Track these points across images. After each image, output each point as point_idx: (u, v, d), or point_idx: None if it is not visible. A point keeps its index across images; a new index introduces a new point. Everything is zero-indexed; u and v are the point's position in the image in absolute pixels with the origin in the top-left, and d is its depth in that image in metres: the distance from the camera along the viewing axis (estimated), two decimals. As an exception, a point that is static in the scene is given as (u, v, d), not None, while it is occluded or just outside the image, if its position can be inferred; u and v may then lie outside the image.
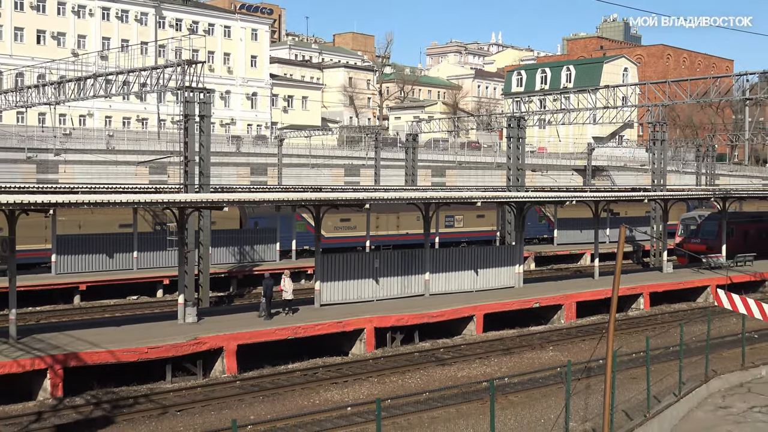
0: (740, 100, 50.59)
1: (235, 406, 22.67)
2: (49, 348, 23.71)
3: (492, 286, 36.57)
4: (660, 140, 50.38)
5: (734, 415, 21.98)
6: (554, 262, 56.97)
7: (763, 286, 44.30)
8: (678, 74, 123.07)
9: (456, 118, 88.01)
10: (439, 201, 35.44)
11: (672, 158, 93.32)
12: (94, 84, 38.92)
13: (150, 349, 24.57)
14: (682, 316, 36.87)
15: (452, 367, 27.58)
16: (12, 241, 25.02)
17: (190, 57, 35.07)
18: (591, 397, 22.41)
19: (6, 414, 21.37)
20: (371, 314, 30.00)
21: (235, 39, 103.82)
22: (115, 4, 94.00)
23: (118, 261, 42.19)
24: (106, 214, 42.98)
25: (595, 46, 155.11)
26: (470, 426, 20.74)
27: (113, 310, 37.21)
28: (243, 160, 77.16)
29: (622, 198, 48.47)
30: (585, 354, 27.78)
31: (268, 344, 27.33)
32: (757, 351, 28.68)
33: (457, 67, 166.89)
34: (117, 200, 26.18)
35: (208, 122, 33.50)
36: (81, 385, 23.42)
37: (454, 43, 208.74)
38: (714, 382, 24.12)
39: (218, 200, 28.81)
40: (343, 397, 23.69)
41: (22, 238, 28.60)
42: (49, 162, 65.99)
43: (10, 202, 23.04)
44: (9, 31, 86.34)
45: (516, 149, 47.76)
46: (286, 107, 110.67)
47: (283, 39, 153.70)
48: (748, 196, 53.93)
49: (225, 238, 44.99)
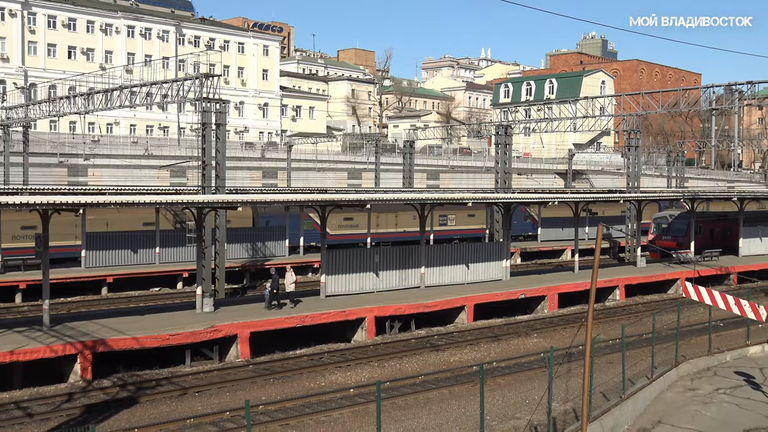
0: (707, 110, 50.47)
1: (248, 387, 22.68)
2: (79, 335, 23.73)
3: (482, 279, 36.59)
4: (634, 146, 50.41)
5: (701, 396, 21.99)
6: (538, 258, 57.00)
7: (727, 279, 44.32)
8: (651, 86, 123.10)
9: (449, 126, 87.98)
10: (433, 202, 35.47)
11: (645, 163, 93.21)
12: (120, 95, 38.90)
13: (171, 336, 24.59)
14: (654, 306, 36.89)
15: (445, 352, 27.60)
16: (45, 237, 25.04)
17: (207, 71, 34.98)
18: (571, 379, 22.43)
19: (40, 395, 21.40)
20: (372, 304, 30.02)
21: (248, 54, 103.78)
22: (139, 23, 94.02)
23: (142, 256, 42.21)
24: (131, 214, 42.96)
25: (575, 61, 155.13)
26: (462, 406, 20.76)
27: (137, 301, 37.22)
28: (255, 164, 77.14)
29: (599, 199, 48.45)
30: (566, 341, 27.78)
31: (278, 331, 27.35)
32: (723, 338, 28.70)
33: (450, 80, 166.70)
34: (141, 201, 26.19)
35: (223, 130, 33.50)
36: (108, 369, 23.45)
37: (447, 58, 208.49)
38: (683, 366, 24.13)
39: (233, 201, 28.80)
40: (347, 379, 23.71)
41: (55, 235, 28.62)
42: (79, 166, 65.93)
43: (44, 202, 23.06)
44: (43, 47, 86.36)
45: (503, 155, 47.78)
46: (295, 116, 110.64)
47: (292, 54, 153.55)
48: (714, 198, 53.98)
49: (239, 236, 44.98)
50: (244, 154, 77.31)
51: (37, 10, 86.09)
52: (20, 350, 21.99)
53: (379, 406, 14.15)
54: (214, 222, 34.14)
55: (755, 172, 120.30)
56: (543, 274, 42.14)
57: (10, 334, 23.96)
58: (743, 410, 20.77)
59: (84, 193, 38.75)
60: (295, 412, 20.05)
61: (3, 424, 19.03)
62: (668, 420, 19.97)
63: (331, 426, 19.20)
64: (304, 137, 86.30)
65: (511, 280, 37.73)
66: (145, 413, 20.05)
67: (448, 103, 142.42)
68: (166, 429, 18.69)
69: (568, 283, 37.46)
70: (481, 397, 15.75)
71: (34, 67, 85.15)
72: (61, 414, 19.79)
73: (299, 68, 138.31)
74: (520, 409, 20.29)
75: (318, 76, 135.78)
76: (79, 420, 19.24)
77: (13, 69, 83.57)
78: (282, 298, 29.47)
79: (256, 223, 48.62)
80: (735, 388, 22.75)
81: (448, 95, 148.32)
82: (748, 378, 23.71)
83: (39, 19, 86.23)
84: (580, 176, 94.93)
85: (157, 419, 19.43)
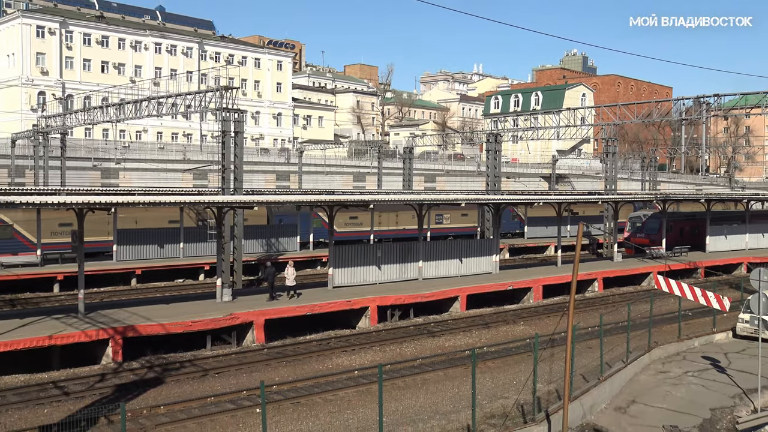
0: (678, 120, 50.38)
1: (263, 369, 22.71)
2: (110, 321, 23.77)
3: (473, 272, 36.58)
4: (612, 153, 50.37)
5: (672, 378, 21.98)
6: (525, 253, 56.94)
7: (695, 272, 44.28)
8: (626, 99, 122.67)
9: (444, 134, 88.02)
10: (430, 202, 35.48)
11: (621, 168, 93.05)
12: (148, 105, 38.90)
13: (193, 323, 24.63)
14: (630, 297, 36.86)
15: (441, 338, 27.61)
16: (81, 233, 25.08)
17: (226, 84, 35.01)
18: (554, 363, 22.41)
19: (76, 375, 21.44)
20: (374, 295, 30.03)
21: (263, 69, 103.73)
22: (166, 40, 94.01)
23: (168, 250, 42.25)
24: (157, 212, 42.97)
25: (558, 76, 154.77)
26: (455, 386, 20.76)
27: (163, 291, 37.25)
28: (270, 168, 77.07)
29: (580, 200, 48.46)
30: (550, 328, 27.79)
31: (290, 319, 27.36)
32: (691, 326, 28.68)
33: (446, 92, 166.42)
34: (166, 200, 26.22)
35: (241, 137, 33.50)
36: (137, 352, 23.49)
37: (443, 72, 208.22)
38: (655, 351, 24.13)
39: (249, 201, 28.83)
40: (352, 362, 23.73)
41: (89, 232, 28.66)
42: (111, 169, 65.98)
43: (79, 202, 23.10)
44: (79, 62, 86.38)
45: (493, 160, 47.77)
46: (305, 125, 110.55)
47: (303, 69, 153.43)
48: (684, 199, 53.97)
49: (255, 232, 45.00)
50: (259, 159, 77.24)
51: (73, 28, 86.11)
52: (58, 335, 22.04)
53: (381, 386, 14.16)
54: (233, 220, 34.15)
55: (720, 177, 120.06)
56: (529, 268, 42.11)
57: (49, 320, 24.02)
58: (710, 391, 20.76)
59: (115, 194, 38.82)
60: (305, 392, 20.08)
61: (43, 401, 19.07)
62: (642, 400, 19.97)
63: (337, 404, 19.20)
64: (314, 144, 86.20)
65: (500, 273, 37.71)
66: (171, 392, 20.09)
67: (444, 113, 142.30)
68: (189, 406, 18.70)
69: (552, 276, 37.45)
70: (473, 379, 15.76)
71: (71, 80, 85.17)
72: (94, 393, 19.83)
73: (309, 81, 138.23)
74: (508, 389, 20.30)
75: (326, 89, 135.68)
76: (110, 398, 19.27)
77: (52, 82, 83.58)
78: (279, 291, 29.16)
79: (271, 221, 48.65)
80: (702, 371, 22.74)
81: (444, 106, 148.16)
82: (714, 362, 23.71)
83: (75, 36, 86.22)
84: (563, 180, 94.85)
85: (181, 397, 19.46)
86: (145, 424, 17.25)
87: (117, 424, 16.71)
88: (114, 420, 17.21)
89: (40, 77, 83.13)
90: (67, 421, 16.98)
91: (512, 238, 60.00)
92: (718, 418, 18.89)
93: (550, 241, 57.21)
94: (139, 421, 17.44)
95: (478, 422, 16.27)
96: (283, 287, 29.98)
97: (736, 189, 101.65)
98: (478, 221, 55.41)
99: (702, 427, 18.22)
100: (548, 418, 16.57)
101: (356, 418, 17.91)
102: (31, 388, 20.10)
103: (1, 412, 18.17)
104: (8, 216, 39.08)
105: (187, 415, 17.98)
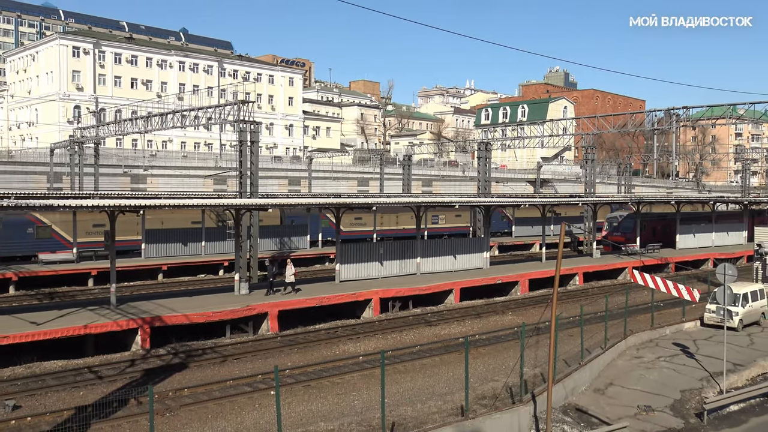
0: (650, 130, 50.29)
1: (276, 355, 22.70)
2: (139, 312, 23.79)
3: (466, 267, 36.56)
4: (591, 159, 50.32)
5: (646, 363, 21.97)
6: (512, 250, 56.88)
7: (666, 267, 44.24)
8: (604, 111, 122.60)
9: (440, 143, 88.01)
10: (427, 204, 35.46)
11: (599, 173, 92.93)
12: (172, 118, 38.95)
13: (214, 314, 24.63)
14: (607, 289, 36.84)
15: (437, 327, 27.59)
16: (112, 233, 25.10)
17: (243, 98, 34.99)
18: (540, 349, 22.41)
19: (108, 361, 21.46)
20: (377, 288, 30.02)
21: (276, 85, 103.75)
22: (189, 59, 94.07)
23: (191, 248, 42.24)
24: (181, 214, 43.00)
25: (542, 90, 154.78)
26: (450, 371, 20.75)
27: (187, 285, 37.24)
28: (282, 174, 77.07)
29: (562, 202, 48.40)
30: (535, 318, 27.76)
31: (301, 310, 27.35)
32: (663, 316, 28.67)
33: (441, 105, 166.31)
34: (189, 203, 26.26)
35: (256, 146, 33.51)
36: (163, 340, 23.51)
37: (439, 87, 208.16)
38: (630, 338, 24.11)
39: (264, 204, 28.87)
40: (357, 349, 23.72)
41: (120, 232, 28.67)
42: (139, 175, 65.98)
43: (111, 205, 23.13)
44: (110, 78, 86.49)
45: (484, 166, 47.73)
46: (315, 135, 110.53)
47: (313, 85, 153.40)
48: (656, 201, 53.93)
49: (269, 232, 45.00)
50: (273, 166, 77.22)
51: (106, 49, 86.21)
52: (92, 325, 22.06)
53: (383, 370, 14.16)
54: (249, 221, 34.16)
55: (689, 181, 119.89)
56: (516, 264, 42.09)
57: (84, 311, 24.04)
58: (680, 374, 20.74)
59: (143, 198, 38.80)
60: (314, 376, 20.07)
61: (78, 384, 19.09)
62: (618, 382, 19.95)
63: (344, 387, 19.20)
64: (322, 152, 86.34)
65: (490, 268, 37.68)
66: (194, 376, 20.09)
67: (439, 124, 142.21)
68: (211, 389, 18.70)
69: (537, 271, 37.41)
70: (465, 364, 15.76)
71: (104, 95, 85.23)
72: (125, 377, 19.85)
73: (318, 96, 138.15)
74: (498, 373, 20.28)
75: (333, 103, 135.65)
76: (139, 381, 19.28)
77: (87, 97, 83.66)
78: (278, 287, 28.65)
79: (283, 222, 48.65)
80: (673, 356, 22.72)
81: (439, 118, 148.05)
82: (684, 348, 23.68)
83: (107, 56, 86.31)
84: (547, 184, 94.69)
85: (203, 381, 19.47)
86: (171, 405, 17.25)
87: (145, 405, 16.72)
88: (143, 401, 17.22)
89: (76, 93, 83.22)
90: (101, 402, 17.01)
91: (501, 236, 59.91)
92: (688, 398, 18.88)
93: (535, 240, 57.14)
94: (165, 402, 17.45)
95: (471, 403, 16.27)
96: (282, 283, 29.69)
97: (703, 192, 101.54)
98: (470, 221, 55.26)
99: (673, 407, 18.21)
100: (534, 399, 16.56)
101: (361, 400, 17.91)
102: (68, 373, 20.12)
103: (42, 394, 18.20)
104: (47, 218, 39.18)
105: (209, 396, 17.98)
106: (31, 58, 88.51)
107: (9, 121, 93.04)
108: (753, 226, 46.68)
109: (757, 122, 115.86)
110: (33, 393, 18.24)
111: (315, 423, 15.85)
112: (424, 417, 15.97)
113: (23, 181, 58.33)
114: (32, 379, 19.46)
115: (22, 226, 38.50)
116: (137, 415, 16.32)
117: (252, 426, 15.93)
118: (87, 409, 16.39)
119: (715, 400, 18.15)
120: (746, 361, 22.13)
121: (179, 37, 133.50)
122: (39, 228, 39.09)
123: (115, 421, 16.02)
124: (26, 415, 16.43)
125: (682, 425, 17.28)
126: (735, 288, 26.43)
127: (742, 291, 26.80)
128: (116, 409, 16.80)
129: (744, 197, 59.19)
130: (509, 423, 15.75)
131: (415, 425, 15.29)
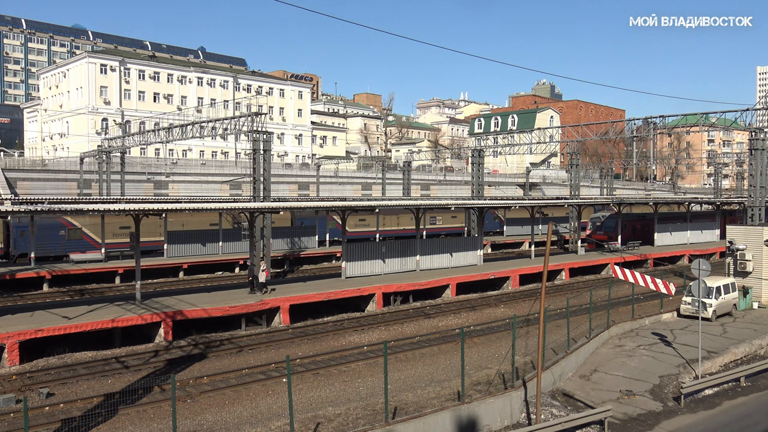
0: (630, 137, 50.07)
1: (288, 346, 22.69)
2: (162, 307, 23.79)
3: (462, 264, 36.54)
4: (575, 164, 50.24)
5: (627, 351, 21.92)
6: (504, 248, 56.82)
7: (646, 263, 44.14)
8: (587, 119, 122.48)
9: (437, 150, 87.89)
10: (425, 207, 35.43)
11: (583, 177, 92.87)
12: (192, 129, 38.99)
13: (230, 308, 24.62)
14: (591, 284, 36.79)
15: (435, 319, 27.56)
16: (137, 235, 25.11)
17: (256, 110, 35.03)
18: (530, 339, 22.38)
19: (134, 352, 21.46)
20: (380, 283, 29.99)
21: (287, 98, 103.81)
22: (206, 75, 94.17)
23: (209, 248, 42.26)
24: (200, 217, 43.06)
25: (530, 101, 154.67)
26: (448, 359, 20.72)
27: (205, 282, 37.25)
28: (293, 179, 77.11)
29: (549, 204, 48.32)
30: (525, 310, 27.73)
31: (310, 304, 27.34)
32: (643, 308, 28.61)
33: (437, 116, 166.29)
34: (208, 207, 26.24)
35: (269, 154, 33.54)
36: (184, 332, 23.51)
37: (435, 99, 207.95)
38: (613, 328, 24.06)
39: (276, 207, 28.84)
40: (361, 339, 23.70)
41: (144, 233, 28.74)
42: (161, 182, 66.07)
43: (136, 209, 23.14)
44: (135, 93, 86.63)
45: (477, 171, 47.69)
46: (322, 144, 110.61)
47: (320, 97, 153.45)
48: (636, 202, 53.81)
49: (281, 232, 45.00)
50: (284, 172, 77.21)
51: (130, 66, 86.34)
52: (119, 318, 22.07)
53: (386, 359, 14.14)
54: (262, 222, 34.19)
55: (666, 184, 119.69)
56: (507, 260, 42.02)
57: (112, 306, 24.05)
58: (658, 361, 20.69)
59: (166, 202, 38.86)
60: (323, 364, 20.05)
61: (107, 373, 19.09)
62: (602, 369, 19.90)
63: (350, 374, 19.17)
64: (329, 159, 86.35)
65: (484, 264, 37.64)
66: (212, 365, 20.08)
67: (436, 133, 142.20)
68: (228, 377, 18.69)
69: (527, 267, 37.37)
70: (461, 353, 15.73)
71: (129, 108, 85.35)
72: (149, 366, 19.84)
73: (325, 108, 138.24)
74: (491, 361, 20.25)
75: (339, 114, 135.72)
76: (162, 370, 19.28)
77: (113, 110, 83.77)
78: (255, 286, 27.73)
79: (294, 223, 48.68)
80: (652, 344, 22.66)
81: (436, 127, 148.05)
82: (662, 337, 23.62)
83: (132, 73, 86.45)
84: (535, 187, 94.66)
85: (221, 370, 19.45)
86: (192, 392, 17.24)
87: (168, 392, 16.72)
88: (165, 388, 17.22)
89: (104, 106, 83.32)
90: (127, 389, 17.02)
91: (494, 235, 59.89)
92: (666, 383, 18.84)
93: (525, 238, 57.12)
94: (186, 389, 17.44)
95: (467, 388, 16.24)
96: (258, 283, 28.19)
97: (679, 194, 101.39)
98: (465, 222, 55.31)
99: (652, 392, 18.16)
100: (525, 385, 16.53)
101: (365, 386, 17.88)
102: (97, 363, 20.12)
103: (73, 383, 18.20)
104: (78, 221, 39.23)
105: (226, 384, 17.97)
106: (62, 75, 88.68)
107: (42, 133, 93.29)
108: (725, 224, 46.55)
109: (727, 129, 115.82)
110: (65, 381, 18.25)
111: (324, 408, 15.83)
112: (424, 402, 15.94)
113: (56, 188, 58.47)
114: (64, 369, 19.47)
115: (54, 229, 38.57)
116: (161, 402, 16.32)
117: (266, 411, 15.91)
118: (115, 396, 16.40)
119: (692, 384, 18.10)
120: (720, 348, 22.08)
121: (197, 55, 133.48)
122: (70, 230, 39.15)
123: (140, 407, 16.02)
124: (59, 402, 16.43)
125: (661, 408, 17.23)
126: (709, 282, 26.40)
127: (716, 284, 26.75)
128: (141, 395, 16.80)
129: (716, 198, 59.07)
130: (502, 407, 15.72)
131: (416, 409, 15.26)
